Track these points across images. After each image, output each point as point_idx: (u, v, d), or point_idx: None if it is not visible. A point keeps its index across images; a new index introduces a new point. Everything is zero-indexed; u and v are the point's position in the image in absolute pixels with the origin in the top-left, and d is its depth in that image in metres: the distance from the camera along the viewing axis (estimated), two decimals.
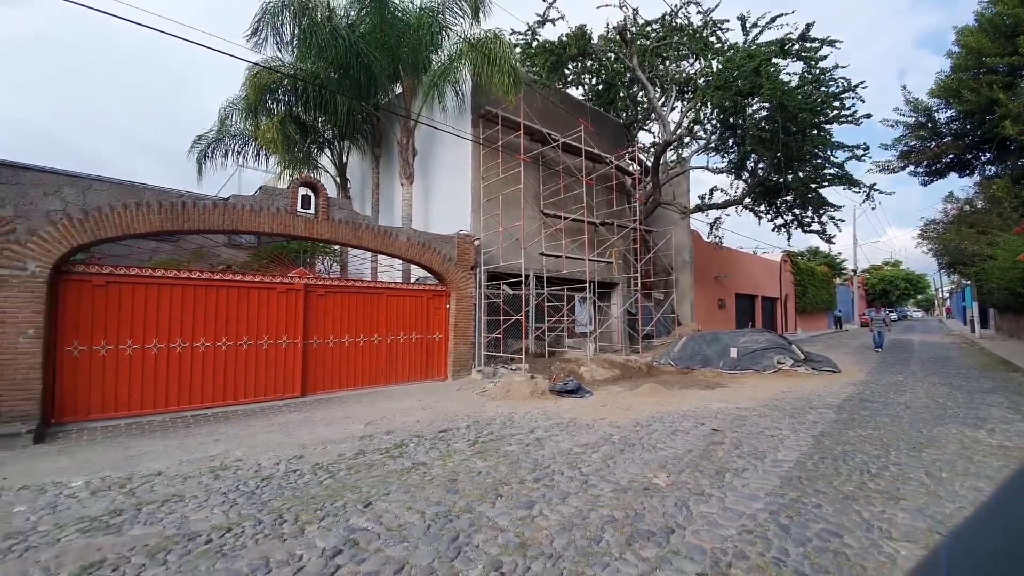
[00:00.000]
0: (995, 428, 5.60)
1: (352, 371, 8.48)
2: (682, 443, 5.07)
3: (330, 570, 2.64)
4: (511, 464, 4.48)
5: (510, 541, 2.93)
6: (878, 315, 16.70)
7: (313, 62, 10.16)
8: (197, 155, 11.76)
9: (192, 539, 3.10)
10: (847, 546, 2.76)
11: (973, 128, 22.94)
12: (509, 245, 11.10)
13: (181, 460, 4.87)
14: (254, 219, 7.23)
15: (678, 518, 3.19)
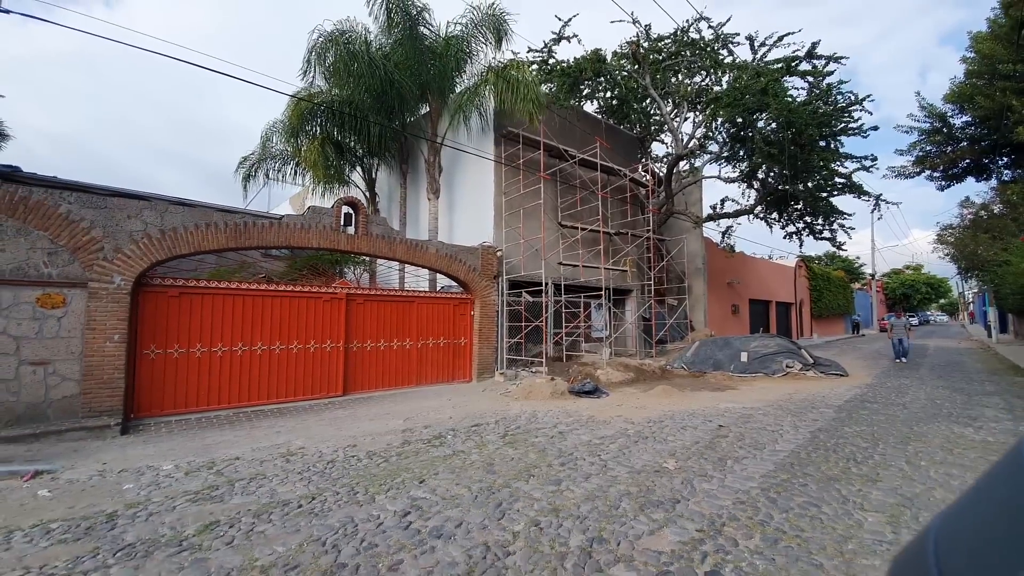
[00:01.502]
0: (983, 426, 6.09)
1: (387, 373, 9.24)
2: (690, 436, 5.68)
3: (404, 524, 3.34)
4: (539, 452, 5.15)
5: (544, 507, 3.60)
6: (899, 321, 14.90)
7: (350, 90, 11.06)
8: (243, 174, 12.75)
9: (286, 504, 3.83)
10: (823, 513, 3.38)
11: (989, 133, 22.97)
12: (529, 255, 11.79)
13: (252, 448, 5.63)
14: (304, 235, 8.06)
15: (683, 492, 3.82)
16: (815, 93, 13.35)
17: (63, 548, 3.17)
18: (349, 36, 10.27)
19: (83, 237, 6.35)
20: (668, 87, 15.63)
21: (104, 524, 3.53)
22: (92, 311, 6.39)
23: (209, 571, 2.81)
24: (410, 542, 3.08)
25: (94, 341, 6.38)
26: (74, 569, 2.87)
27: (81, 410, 6.17)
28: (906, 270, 63.68)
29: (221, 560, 2.94)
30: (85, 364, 6.26)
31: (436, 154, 11.88)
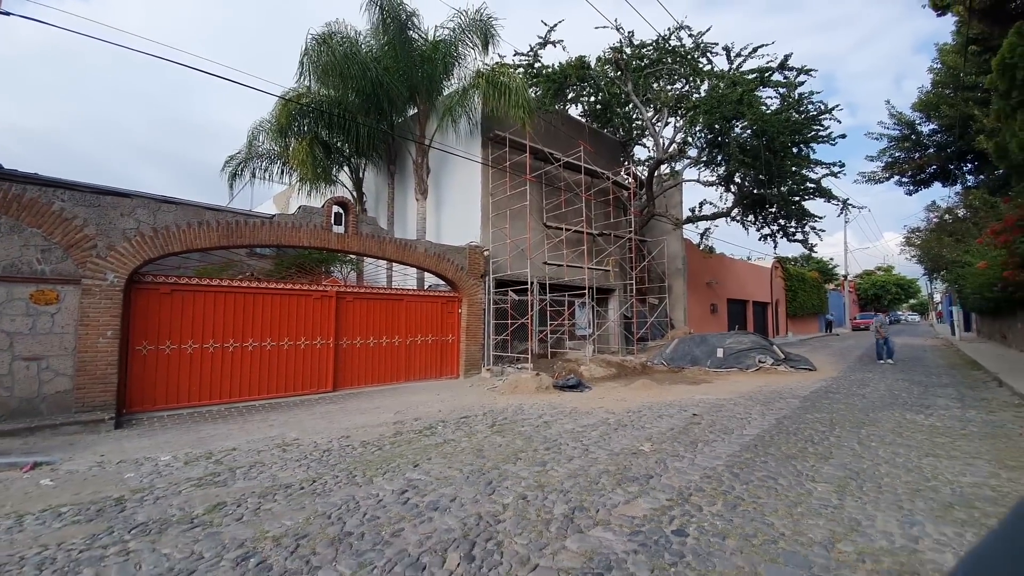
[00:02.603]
0: (933, 413, 6.63)
1: (376, 369, 9.47)
2: (666, 424, 6.07)
3: (402, 500, 3.63)
4: (525, 439, 5.47)
5: (530, 484, 3.92)
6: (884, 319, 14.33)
7: (340, 91, 11.23)
8: (229, 173, 12.80)
9: (288, 487, 4.07)
10: (778, 484, 3.78)
11: (954, 141, 24.13)
12: (515, 255, 12.12)
13: (248, 440, 5.82)
14: (295, 234, 8.24)
15: (657, 470, 4.19)
16: (787, 102, 14.01)
17: (77, 528, 3.36)
18: (339, 38, 10.46)
19: (76, 235, 6.45)
20: (650, 93, 16.15)
21: (113, 507, 3.72)
22: (85, 307, 6.49)
23: (223, 542, 3.05)
24: (409, 514, 3.37)
25: (87, 337, 6.48)
26: (92, 544, 3.07)
27: (75, 405, 6.27)
28: (878, 271, 65.95)
29: (233, 533, 3.18)
30: (78, 360, 6.36)
31: (424, 155, 12.12)
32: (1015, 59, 7.14)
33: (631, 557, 2.68)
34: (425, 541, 2.95)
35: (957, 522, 3.08)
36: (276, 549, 2.94)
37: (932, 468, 4.18)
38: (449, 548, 2.85)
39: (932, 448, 4.83)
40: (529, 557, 2.72)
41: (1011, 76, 7.34)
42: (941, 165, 26.99)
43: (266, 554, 2.88)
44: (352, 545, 2.97)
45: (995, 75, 7.78)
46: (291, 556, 2.85)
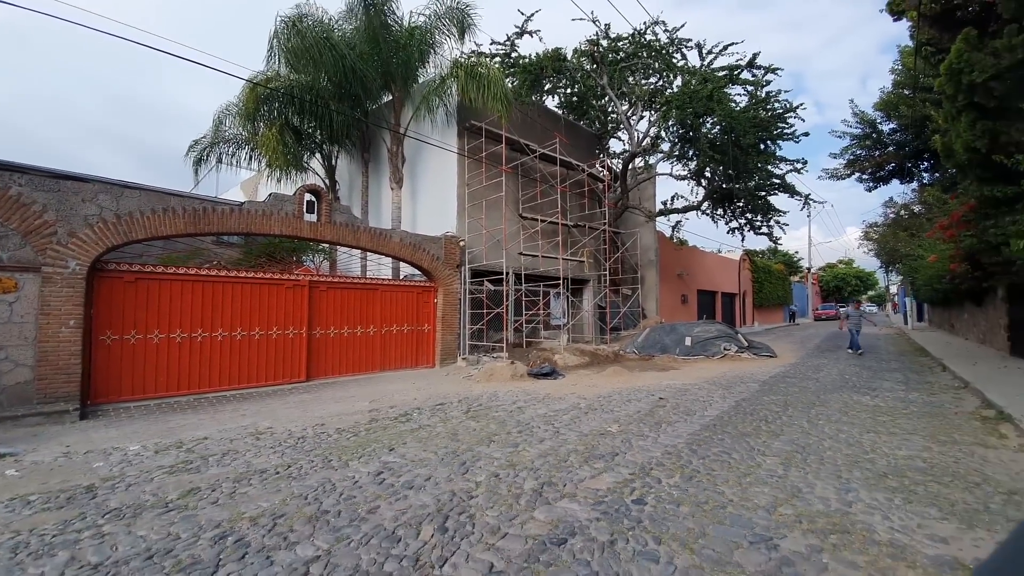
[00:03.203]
0: (878, 394, 7.13)
1: (350, 359, 9.47)
2: (634, 407, 6.35)
3: (378, 481, 3.75)
4: (499, 423, 5.65)
5: (503, 463, 4.10)
6: (856, 312, 13.96)
7: (311, 76, 11.02)
8: (194, 158, 12.40)
9: (263, 472, 4.13)
10: (732, 458, 4.07)
11: (912, 140, 25.32)
12: (491, 245, 12.22)
13: (219, 429, 5.80)
14: (265, 222, 8.13)
15: (622, 448, 4.44)
16: (755, 100, 14.48)
17: (48, 515, 3.35)
18: (311, 21, 10.24)
19: (35, 220, 6.23)
20: (625, 87, 16.38)
21: (84, 494, 3.71)
22: (46, 296, 6.30)
23: (200, 524, 3.11)
24: (385, 493, 3.49)
25: (48, 327, 6.30)
26: (65, 529, 3.08)
27: (36, 396, 6.11)
28: (839, 264, 68.84)
29: (209, 515, 3.24)
30: (39, 350, 6.18)
31: (399, 144, 12.04)
32: (961, 64, 7.62)
33: (593, 524, 2.88)
34: (400, 516, 3.09)
35: (888, 489, 3.41)
36: (253, 528, 3.03)
37: (871, 443, 4.55)
38: (423, 522, 2.99)
39: (874, 425, 5.24)
40: (499, 527, 2.89)
41: (957, 81, 7.83)
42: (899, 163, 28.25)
43: (243, 532, 2.97)
44: (329, 522, 3.07)
45: (943, 79, 8.27)
46: (269, 534, 2.94)
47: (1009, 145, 7.32)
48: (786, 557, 2.47)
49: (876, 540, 2.62)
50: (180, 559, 2.67)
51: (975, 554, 2.50)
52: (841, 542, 2.61)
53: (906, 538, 2.65)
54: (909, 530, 2.75)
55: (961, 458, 4.12)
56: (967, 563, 2.41)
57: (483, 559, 2.53)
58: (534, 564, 2.46)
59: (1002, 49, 6.69)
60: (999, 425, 5.29)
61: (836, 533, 2.71)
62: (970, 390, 7.46)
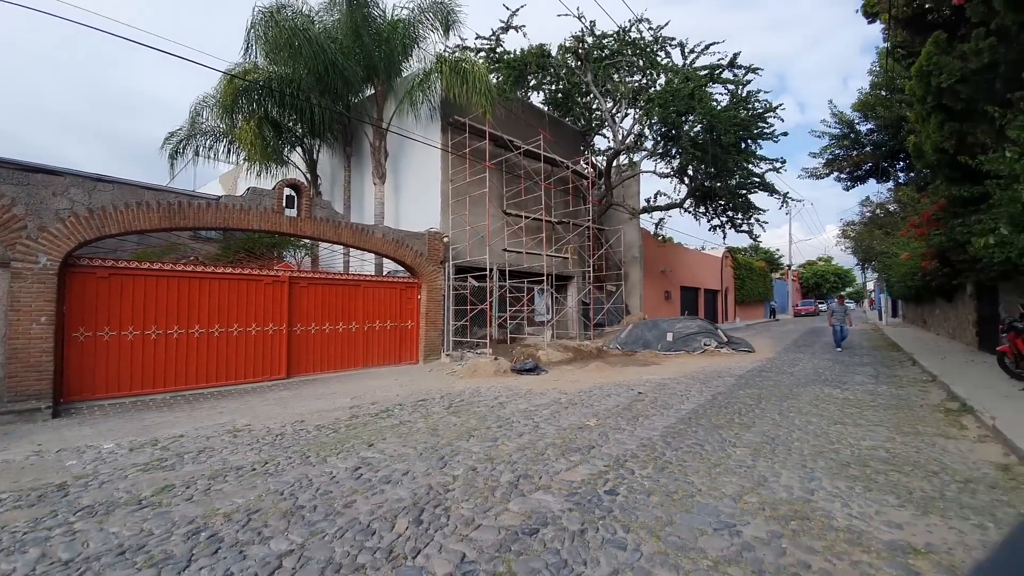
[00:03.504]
0: (848, 388, 7.36)
1: (332, 355, 9.41)
2: (613, 402, 6.45)
3: (356, 476, 3.76)
4: (480, 418, 5.69)
5: (481, 457, 4.15)
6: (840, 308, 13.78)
7: (290, 68, 10.85)
8: (169, 151, 12.13)
9: (240, 469, 4.11)
10: (704, 450, 4.18)
11: (888, 140, 25.94)
12: (475, 241, 12.23)
13: (196, 427, 5.74)
14: (244, 217, 8.02)
15: (599, 441, 4.52)
16: (735, 100, 14.71)
17: (19, 512, 3.30)
18: (290, 11, 10.07)
19: (4, 214, 6.06)
20: (609, 84, 16.48)
21: (56, 492, 3.66)
22: (16, 292, 6.14)
23: (173, 520, 3.10)
24: (362, 488, 3.51)
25: (19, 323, 6.15)
26: (36, 527, 3.04)
27: (7, 394, 5.97)
28: (819, 261, 70.33)
29: (183, 512, 3.23)
30: (9, 347, 6.03)
31: (382, 139, 11.95)
32: (931, 67, 7.85)
33: (566, 514, 2.95)
34: (376, 510, 3.12)
35: (850, 478, 3.55)
36: (227, 524, 3.03)
37: (838, 434, 4.71)
38: (399, 515, 3.03)
39: (842, 417, 5.41)
40: (473, 518, 2.94)
41: (927, 83, 8.06)
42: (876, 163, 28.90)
43: (217, 528, 2.97)
44: (304, 517, 3.09)
45: (914, 81, 8.51)
46: (242, 529, 2.94)
47: (975, 146, 7.57)
48: (747, 542, 2.56)
49: (834, 526, 2.74)
50: (152, 555, 2.67)
51: (928, 539, 2.62)
52: (801, 528, 2.72)
53: (863, 524, 2.77)
54: (867, 517, 2.87)
55: (923, 448, 4.29)
56: (919, 548, 2.53)
57: (456, 549, 2.57)
58: (505, 553, 2.51)
59: (969, 53, 6.91)
60: (961, 417, 5.51)
61: (797, 520, 2.82)
62: (937, 383, 7.73)
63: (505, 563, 2.42)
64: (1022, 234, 5.55)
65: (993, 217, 6.09)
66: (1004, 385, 6.71)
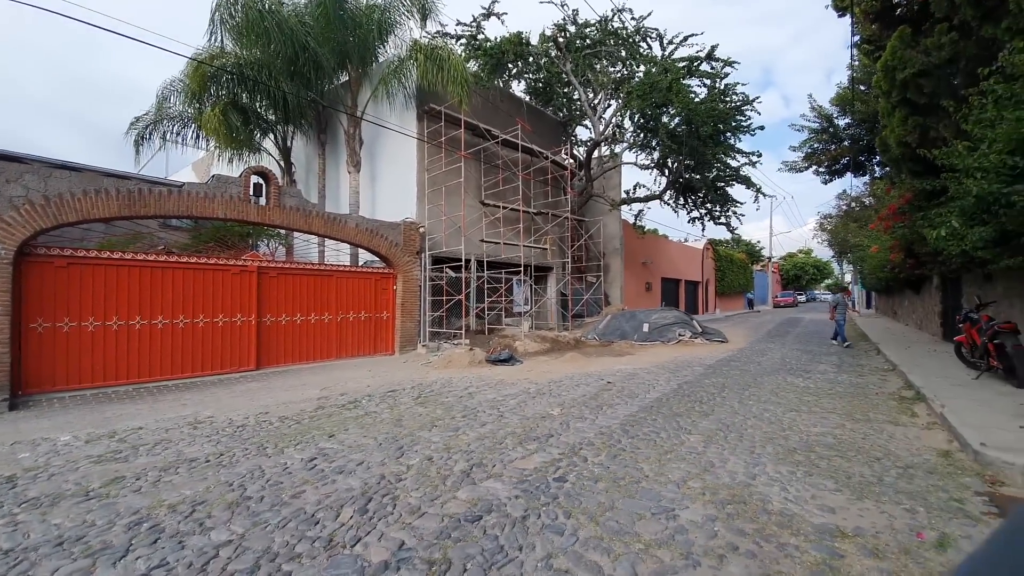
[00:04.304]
0: (811, 376, 7.54)
1: (304, 346, 9.31)
2: (581, 391, 6.52)
3: (310, 467, 3.75)
4: (446, 409, 5.70)
5: (439, 447, 4.16)
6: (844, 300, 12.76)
7: (260, 52, 10.56)
8: (135, 136, 11.76)
9: (193, 461, 4.06)
10: (659, 437, 4.26)
11: (865, 134, 26.39)
12: (452, 232, 12.15)
13: (156, 419, 5.64)
14: (208, 205, 7.83)
15: (559, 430, 4.57)
16: (714, 92, 14.78)
17: None
18: None
19: None
20: (590, 74, 16.41)
21: (3, 484, 3.57)
22: None
23: (118, 511, 3.06)
24: (313, 478, 3.50)
25: None
26: None
27: None
28: (799, 254, 71.65)
29: (129, 503, 3.19)
30: None
31: (356, 126, 11.75)
32: (895, 62, 7.97)
33: (511, 501, 2.98)
34: (324, 500, 3.11)
35: (794, 463, 3.65)
36: (171, 515, 3.00)
37: (791, 421, 4.84)
38: (345, 504, 3.02)
39: (798, 405, 5.55)
40: (420, 507, 2.95)
41: (892, 77, 8.20)
42: (853, 157, 29.43)
43: (159, 519, 2.94)
44: (250, 508, 3.07)
45: (880, 76, 8.65)
46: (185, 520, 2.92)
47: (937, 140, 7.74)
48: (682, 526, 2.62)
49: (768, 510, 2.82)
50: (91, 545, 2.65)
51: (858, 523, 2.71)
52: (736, 512, 2.79)
53: (797, 508, 2.86)
54: (802, 500, 2.96)
55: (870, 434, 4.43)
56: (847, 531, 2.62)
57: (396, 537, 2.58)
58: (444, 540, 2.53)
59: (932, 47, 7.03)
60: (914, 405, 5.69)
61: (733, 504, 2.90)
62: (896, 372, 7.97)
63: (442, 549, 2.44)
64: (973, 227, 5.71)
65: (948, 211, 6.25)
66: (960, 374, 6.94)
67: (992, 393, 5.61)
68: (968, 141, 5.47)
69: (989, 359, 6.23)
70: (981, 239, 5.53)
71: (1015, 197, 4.46)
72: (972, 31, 6.24)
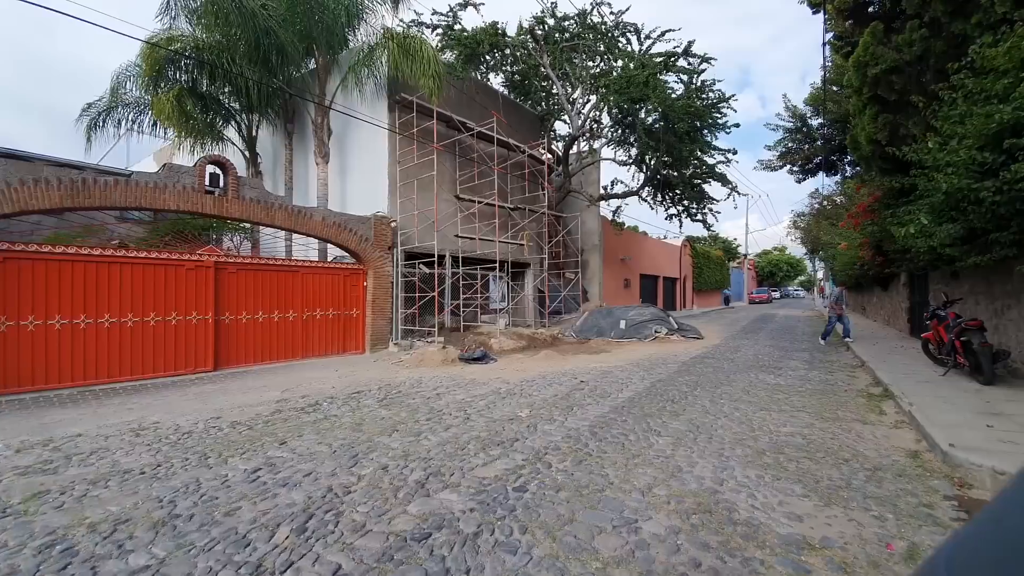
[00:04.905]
0: (783, 374, 7.54)
1: (267, 346, 8.90)
2: (553, 391, 6.34)
3: (252, 479, 3.46)
4: (411, 411, 5.45)
5: (397, 454, 3.92)
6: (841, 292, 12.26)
7: (220, 35, 10.02)
8: (87, 124, 11.07)
9: (127, 472, 3.72)
10: (627, 440, 4.10)
11: (837, 134, 26.94)
12: (426, 226, 11.83)
13: (99, 425, 5.25)
14: (159, 196, 7.36)
15: (525, 434, 4.37)
16: (690, 89, 14.77)
17: None
18: None
19: None
20: (568, 68, 16.22)
21: None
22: None
23: (33, 531, 2.76)
24: (253, 492, 3.21)
25: None
26: None
27: None
28: (774, 251, 73.26)
29: (48, 521, 2.88)
30: None
31: (324, 116, 11.30)
32: (867, 58, 8.00)
33: (465, 515, 2.77)
34: (260, 518, 2.84)
35: (762, 466, 3.53)
36: (89, 535, 2.70)
37: (761, 420, 4.75)
38: (283, 523, 2.76)
39: (769, 403, 5.49)
40: (365, 524, 2.71)
41: (863, 74, 8.23)
42: (826, 156, 30.07)
43: (76, 540, 2.65)
44: (176, 527, 2.78)
45: (851, 72, 8.68)
46: (104, 541, 2.63)
47: (906, 138, 7.80)
48: (643, 540, 2.45)
49: (735, 520, 2.67)
50: None
51: (825, 532, 2.58)
52: (701, 522, 2.64)
53: (764, 516, 2.72)
54: (769, 508, 2.83)
55: (839, 434, 4.36)
56: (815, 542, 2.48)
57: (332, 561, 2.34)
58: (385, 563, 2.30)
59: (903, 44, 7.05)
60: (882, 402, 5.68)
61: (699, 513, 2.74)
62: (865, 368, 8.04)
63: (380, 575, 2.21)
64: (944, 223, 5.73)
65: (918, 208, 6.27)
66: (927, 371, 7.01)
67: (958, 390, 5.65)
68: (938, 137, 5.46)
69: (956, 356, 6.29)
70: (949, 236, 5.54)
71: (984, 193, 4.44)
72: (942, 27, 6.25)
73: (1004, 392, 5.47)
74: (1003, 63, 4.28)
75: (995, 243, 5.03)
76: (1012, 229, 4.65)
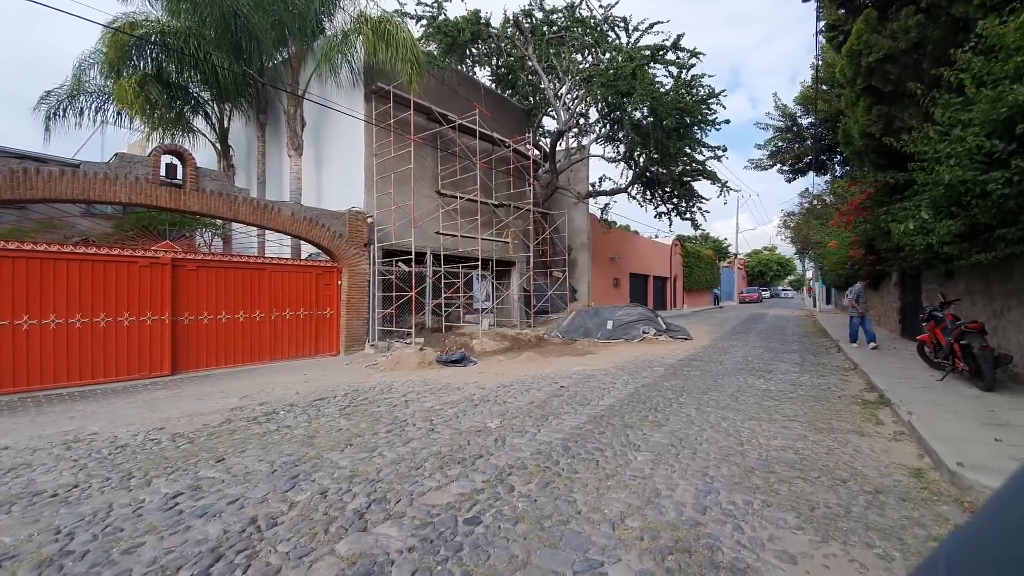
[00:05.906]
0: (772, 377, 7.19)
1: (231, 348, 8.40)
2: (530, 397, 5.93)
3: (169, 506, 3.01)
4: (372, 421, 5.01)
5: (344, 475, 3.48)
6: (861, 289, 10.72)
7: (187, 18, 9.47)
8: (45, 113, 10.45)
9: (37, 495, 3.26)
10: (603, 456, 3.70)
11: (827, 133, 26.82)
12: (404, 223, 11.36)
13: (31, 436, 4.77)
14: (109, 188, 6.83)
15: (491, 449, 3.95)
16: (679, 83, 14.43)
17: None
18: None
19: None
20: (554, 61, 15.82)
21: None
22: None
23: None
24: (163, 524, 2.76)
25: None
26: None
27: None
28: (764, 250, 73.46)
29: None
30: None
31: (298, 106, 10.78)
32: (860, 46, 7.65)
33: (401, 556, 2.34)
34: (161, 558, 2.40)
35: (751, 489, 3.14)
36: None
37: (750, 432, 4.37)
38: (184, 566, 2.32)
39: (758, 411, 5.11)
40: (281, 568, 2.28)
41: (857, 63, 7.89)
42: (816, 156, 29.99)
43: None
44: (64, 568, 2.34)
45: (844, 62, 8.35)
46: None
47: (902, 130, 7.47)
48: None
49: (717, 562, 2.27)
50: None
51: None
52: (678, 565, 2.23)
53: (752, 556, 2.33)
54: (758, 545, 2.43)
55: (834, 448, 4.00)
56: None
57: None
58: None
59: (898, 31, 6.72)
60: (879, 410, 5.33)
61: (676, 553, 2.34)
62: (858, 372, 7.72)
63: None
64: (943, 219, 5.39)
65: (916, 204, 5.94)
66: (923, 375, 6.70)
67: (959, 397, 5.32)
68: (939, 127, 5.12)
69: (955, 360, 5.97)
70: (949, 233, 5.20)
71: (992, 185, 4.09)
72: (940, 12, 5.91)
73: (1007, 399, 5.15)
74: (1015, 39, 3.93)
75: (1000, 239, 4.71)
76: (1021, 224, 4.31)
